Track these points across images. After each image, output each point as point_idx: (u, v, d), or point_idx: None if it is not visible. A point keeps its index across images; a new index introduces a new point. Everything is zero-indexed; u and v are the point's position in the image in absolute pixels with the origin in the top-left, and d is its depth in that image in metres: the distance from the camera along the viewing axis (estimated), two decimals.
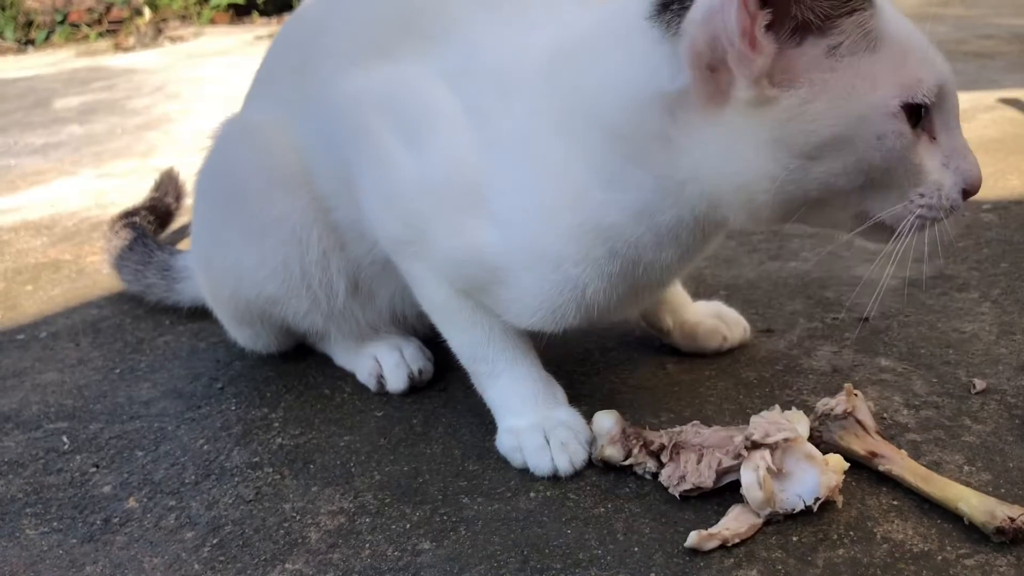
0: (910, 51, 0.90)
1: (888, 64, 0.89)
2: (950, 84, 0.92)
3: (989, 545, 0.92)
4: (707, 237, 1.04)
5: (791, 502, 0.97)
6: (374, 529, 1.04)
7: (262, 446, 1.22)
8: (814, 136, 0.89)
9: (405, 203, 1.11)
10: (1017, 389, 1.19)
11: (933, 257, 1.56)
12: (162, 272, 1.64)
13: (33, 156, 2.96)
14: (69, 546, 1.06)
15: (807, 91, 0.88)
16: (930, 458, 1.06)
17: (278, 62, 1.35)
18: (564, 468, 1.09)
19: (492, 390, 1.19)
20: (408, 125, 1.11)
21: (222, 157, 1.35)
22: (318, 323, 1.32)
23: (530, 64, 1.05)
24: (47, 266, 1.95)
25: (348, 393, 1.34)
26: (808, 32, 0.88)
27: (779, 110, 0.89)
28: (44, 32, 5.56)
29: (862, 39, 0.88)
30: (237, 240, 1.30)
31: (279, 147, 1.26)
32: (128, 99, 3.75)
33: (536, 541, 0.99)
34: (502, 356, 1.17)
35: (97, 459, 1.22)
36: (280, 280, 1.27)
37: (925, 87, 0.89)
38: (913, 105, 0.89)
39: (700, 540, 0.94)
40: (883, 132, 0.89)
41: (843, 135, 0.89)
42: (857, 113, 0.88)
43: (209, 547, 1.03)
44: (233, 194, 1.31)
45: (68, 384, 1.43)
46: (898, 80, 0.89)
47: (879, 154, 0.90)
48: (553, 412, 1.15)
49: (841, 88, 0.88)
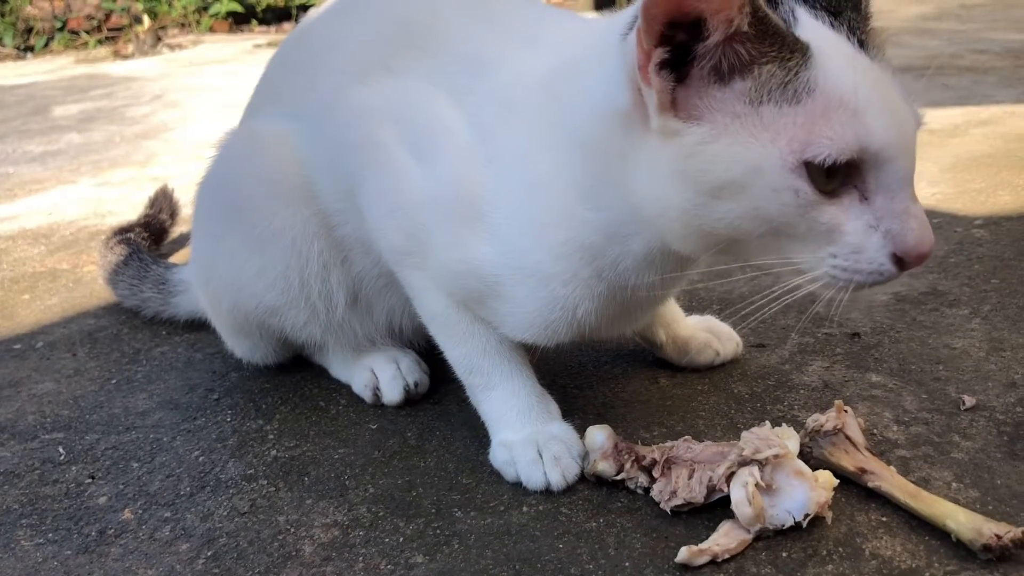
0: (841, 108, 0.84)
1: (804, 118, 0.84)
2: (895, 147, 0.85)
3: (976, 562, 0.93)
4: (684, 262, 1.04)
5: (780, 518, 0.98)
6: (368, 542, 1.04)
7: (257, 458, 1.23)
8: (710, 176, 0.87)
9: (410, 214, 1.12)
10: (1006, 406, 1.20)
11: (925, 273, 1.59)
12: (158, 286, 1.65)
13: (31, 164, 2.97)
14: (64, 558, 1.06)
15: (708, 131, 0.86)
16: (919, 475, 1.07)
17: (281, 76, 1.36)
18: (557, 482, 1.10)
19: (487, 403, 1.19)
20: (415, 138, 1.12)
21: (224, 168, 1.37)
22: (316, 334, 1.33)
23: (529, 80, 1.06)
24: (44, 275, 1.96)
25: (343, 405, 1.35)
26: (733, 72, 0.85)
27: (682, 144, 0.88)
28: (43, 39, 5.57)
29: (781, 88, 0.84)
30: (238, 250, 1.31)
31: (282, 160, 1.27)
32: (127, 107, 3.76)
33: (528, 555, 1.00)
34: (498, 369, 1.18)
35: (93, 470, 1.23)
36: (280, 291, 1.29)
37: (838, 147, 0.83)
38: (819, 163, 0.84)
39: (690, 556, 0.95)
40: (778, 186, 0.85)
41: (738, 181, 0.86)
42: (752, 163, 0.85)
43: (204, 559, 1.04)
44: (235, 205, 1.32)
45: (64, 394, 1.44)
46: (806, 136, 0.84)
47: (775, 207, 0.86)
48: (547, 426, 1.16)
49: (743, 134, 0.85)
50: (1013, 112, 2.59)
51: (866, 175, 0.86)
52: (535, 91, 1.05)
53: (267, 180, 1.29)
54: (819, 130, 0.83)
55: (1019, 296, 1.50)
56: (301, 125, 1.26)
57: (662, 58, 0.85)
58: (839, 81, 0.84)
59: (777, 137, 0.84)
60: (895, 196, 0.87)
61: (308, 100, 1.25)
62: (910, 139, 0.88)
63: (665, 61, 0.85)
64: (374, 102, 1.16)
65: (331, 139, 1.21)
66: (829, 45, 0.86)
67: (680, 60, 0.86)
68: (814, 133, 0.84)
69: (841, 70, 0.85)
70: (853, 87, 0.84)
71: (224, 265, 1.34)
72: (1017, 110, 2.61)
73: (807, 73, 0.84)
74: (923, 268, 1.63)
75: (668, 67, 0.86)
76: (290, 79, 1.33)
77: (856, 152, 0.84)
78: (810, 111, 0.84)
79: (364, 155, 1.16)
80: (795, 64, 0.84)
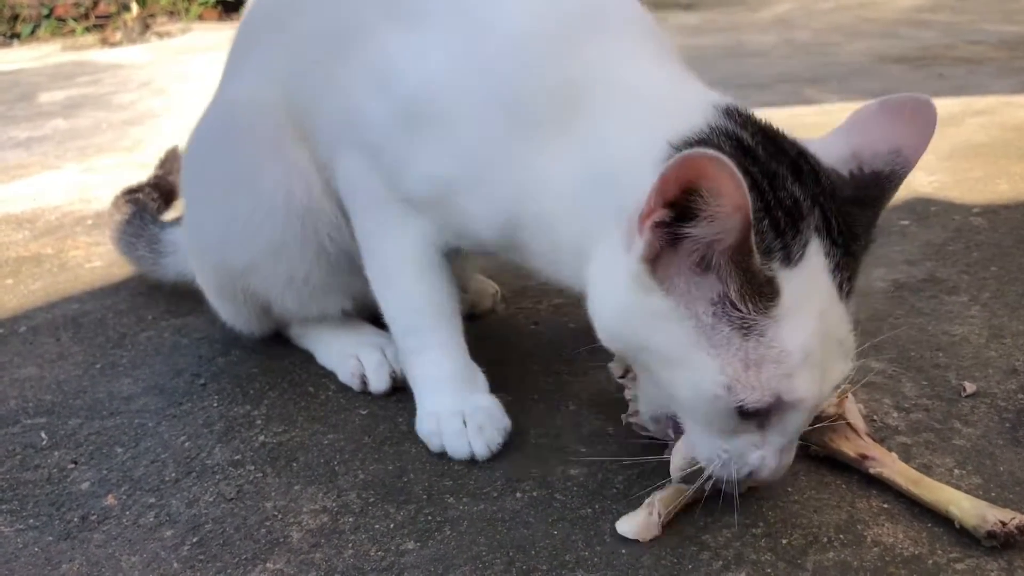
0: (778, 364, 0.84)
1: (744, 355, 0.85)
2: (807, 403, 0.87)
3: (980, 549, 0.91)
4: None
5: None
6: (357, 529, 1.02)
7: (244, 444, 1.20)
8: (653, 339, 0.89)
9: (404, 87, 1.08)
10: (1007, 393, 1.18)
11: (923, 260, 1.57)
12: (151, 245, 1.65)
13: (16, 149, 2.92)
14: (45, 544, 1.03)
15: (672, 307, 0.86)
16: (920, 461, 1.05)
17: (258, 30, 1.35)
18: (481, 452, 1.12)
19: (418, 367, 1.19)
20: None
21: (208, 119, 1.37)
22: (302, 296, 1.31)
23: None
24: (28, 260, 1.92)
25: (332, 391, 1.32)
26: (712, 269, 0.84)
27: (646, 299, 0.87)
28: (30, 26, 5.51)
29: (740, 316, 0.84)
30: (224, 196, 1.30)
31: (267, 107, 1.25)
32: (114, 94, 3.72)
33: (522, 542, 0.98)
34: (434, 332, 1.18)
35: (75, 455, 1.20)
36: (266, 238, 1.27)
37: (758, 396, 0.85)
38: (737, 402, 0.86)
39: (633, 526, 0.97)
40: (703, 390, 0.87)
41: (672, 360, 0.88)
42: (690, 360, 0.86)
43: (189, 546, 1.01)
44: (219, 153, 1.32)
45: (47, 379, 1.41)
46: (735, 374, 0.85)
47: (691, 394, 0.88)
48: (473, 396, 1.17)
49: (695, 333, 0.86)
50: (1009, 102, 2.58)
51: (772, 412, 0.88)
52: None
53: (253, 128, 1.27)
54: (751, 374, 0.85)
55: (1018, 283, 1.48)
56: (288, 61, 1.24)
57: (663, 218, 0.82)
58: (790, 338, 0.84)
59: (718, 355, 0.85)
60: (782, 435, 0.90)
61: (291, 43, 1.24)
62: (825, 395, 0.90)
63: (664, 222, 0.83)
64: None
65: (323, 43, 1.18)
66: (807, 296, 0.85)
67: (679, 228, 0.83)
68: (746, 374, 0.85)
69: (798, 329, 0.85)
70: (801, 349, 0.85)
71: (210, 220, 1.34)
72: (1013, 100, 2.60)
73: (764, 319, 0.84)
74: (921, 255, 1.62)
75: (666, 227, 0.83)
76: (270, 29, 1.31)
77: (773, 402, 0.86)
78: (752, 352, 0.85)
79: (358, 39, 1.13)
80: (758, 305, 0.84)
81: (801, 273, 0.86)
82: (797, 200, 0.87)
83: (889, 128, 0.94)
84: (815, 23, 4.32)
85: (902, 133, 0.94)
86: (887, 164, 0.93)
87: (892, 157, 0.93)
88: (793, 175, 0.88)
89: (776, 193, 0.86)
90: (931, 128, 0.94)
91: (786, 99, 2.79)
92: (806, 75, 3.18)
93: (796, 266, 0.85)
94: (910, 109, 0.94)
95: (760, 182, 0.86)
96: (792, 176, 0.88)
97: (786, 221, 0.85)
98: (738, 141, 0.90)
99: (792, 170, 0.89)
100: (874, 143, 0.94)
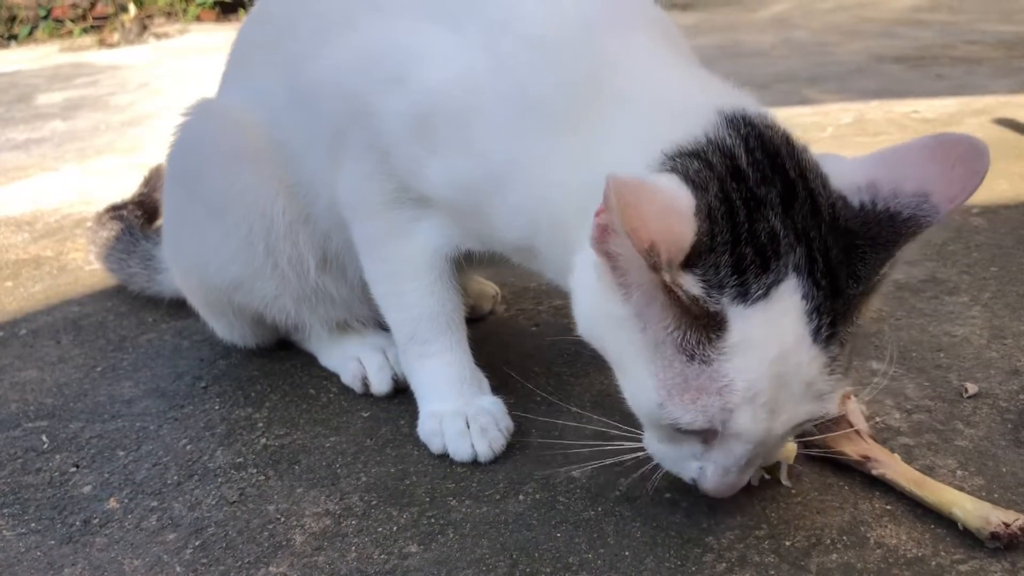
0: (717, 395, 0.81)
1: (684, 379, 0.82)
2: (750, 439, 0.84)
3: (983, 551, 0.91)
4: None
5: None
6: (360, 531, 1.02)
7: (246, 446, 1.20)
8: (607, 339, 0.89)
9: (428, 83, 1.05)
10: (1009, 393, 1.18)
11: (923, 260, 1.57)
12: (144, 262, 1.64)
13: (15, 151, 2.92)
14: (47, 547, 1.03)
15: (630, 315, 0.83)
16: (923, 462, 1.05)
17: (250, 44, 1.35)
18: (484, 453, 1.11)
19: (421, 372, 1.19)
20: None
21: (185, 135, 1.36)
22: (289, 307, 1.31)
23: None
24: (28, 262, 1.92)
25: (334, 393, 1.32)
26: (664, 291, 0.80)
27: (610, 306, 0.85)
28: (27, 27, 5.50)
29: (684, 346, 0.81)
30: (201, 217, 1.29)
31: (243, 122, 1.25)
32: (112, 95, 3.71)
33: (525, 545, 0.98)
34: (438, 339, 1.17)
35: (77, 459, 1.20)
36: (245, 259, 1.26)
37: (691, 418, 0.82)
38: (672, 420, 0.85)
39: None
40: (647, 401, 0.86)
41: (622, 367, 0.89)
42: (636, 370, 0.86)
43: (191, 549, 1.01)
44: (197, 172, 1.31)
45: (48, 382, 1.41)
46: (667, 397, 0.83)
47: (641, 399, 0.88)
48: (477, 399, 1.16)
49: (644, 347, 0.84)
50: (1007, 102, 2.58)
51: (714, 435, 0.86)
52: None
53: (226, 142, 1.27)
54: (687, 398, 0.82)
55: (1019, 284, 1.48)
56: (275, 81, 1.24)
57: (606, 222, 0.80)
58: (736, 374, 0.80)
59: (657, 373, 0.83)
60: (726, 457, 0.87)
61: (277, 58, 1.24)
62: (778, 434, 0.85)
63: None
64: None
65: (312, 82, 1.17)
66: (764, 336, 0.80)
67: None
68: (681, 397, 0.82)
69: (746, 368, 0.80)
70: (746, 387, 0.81)
71: (189, 237, 1.33)
72: (1011, 100, 2.60)
73: (710, 351, 0.80)
74: (922, 255, 1.62)
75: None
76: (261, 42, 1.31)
77: (709, 428, 0.84)
78: (692, 378, 0.82)
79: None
80: (702, 336, 0.80)
81: (759, 313, 0.80)
82: (775, 235, 0.81)
83: (923, 168, 0.84)
84: (813, 23, 4.32)
85: (937, 177, 0.83)
86: (908, 207, 0.83)
87: (916, 201, 0.83)
88: (783, 203, 0.82)
89: (752, 224, 0.81)
90: (975, 180, 0.82)
91: (784, 99, 2.79)
92: (804, 75, 3.18)
93: (753, 305, 0.80)
94: (959, 153, 0.83)
95: (736, 211, 0.81)
96: (781, 204, 0.82)
97: (753, 258, 0.80)
98: (731, 158, 0.85)
99: (784, 196, 0.83)
100: (900, 180, 0.84)
